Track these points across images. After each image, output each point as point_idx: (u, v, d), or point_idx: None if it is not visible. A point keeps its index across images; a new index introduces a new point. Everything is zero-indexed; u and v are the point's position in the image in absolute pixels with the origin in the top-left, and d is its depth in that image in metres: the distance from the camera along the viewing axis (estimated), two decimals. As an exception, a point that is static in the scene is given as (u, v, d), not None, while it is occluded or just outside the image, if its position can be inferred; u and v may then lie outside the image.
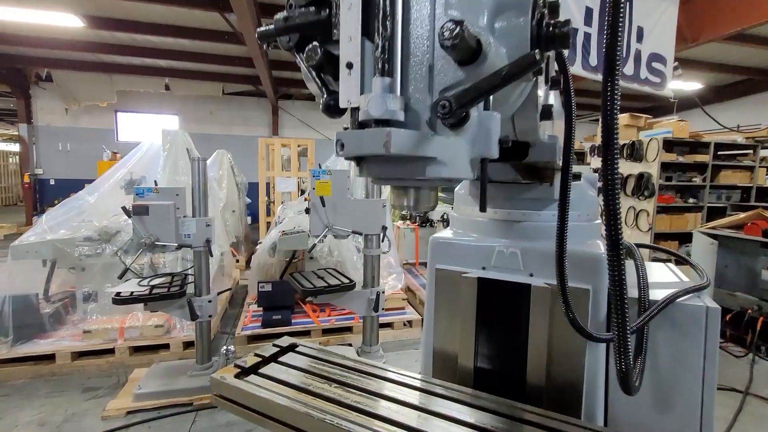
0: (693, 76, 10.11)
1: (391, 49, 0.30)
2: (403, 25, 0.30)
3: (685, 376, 0.78)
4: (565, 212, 0.61)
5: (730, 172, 6.37)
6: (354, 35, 0.29)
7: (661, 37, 3.39)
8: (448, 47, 0.28)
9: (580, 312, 0.83)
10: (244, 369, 0.96)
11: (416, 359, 3.46)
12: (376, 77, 0.29)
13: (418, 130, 0.31)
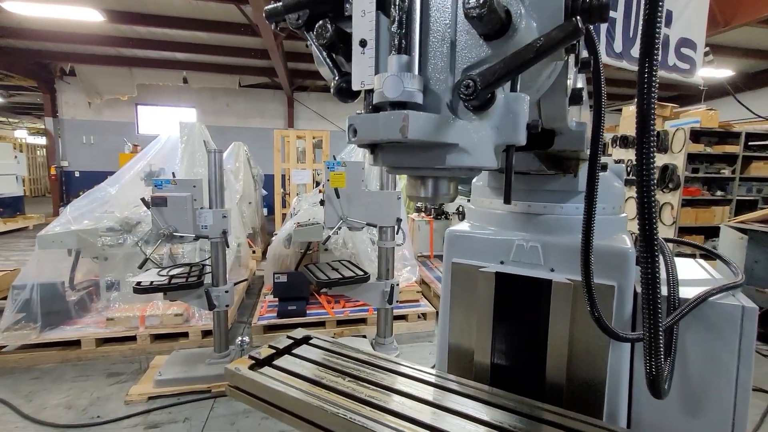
0: (724, 63, 9.63)
1: (408, 23, 0.26)
2: (424, 13, 0.27)
3: (718, 378, 0.74)
4: (592, 205, 0.57)
5: (761, 164, 6.07)
6: (368, 9, 0.26)
7: (691, 21, 3.22)
8: (474, 17, 0.25)
9: (605, 309, 0.79)
10: (258, 360, 0.96)
11: (430, 352, 3.45)
12: (392, 55, 0.27)
13: (438, 114, 0.28)
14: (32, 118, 17.59)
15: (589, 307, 0.65)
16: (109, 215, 3.37)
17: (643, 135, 0.43)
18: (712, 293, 0.75)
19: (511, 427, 0.72)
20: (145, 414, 2.40)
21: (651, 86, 0.46)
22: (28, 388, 2.65)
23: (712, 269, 0.98)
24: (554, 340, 0.85)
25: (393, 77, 0.27)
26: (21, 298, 2.98)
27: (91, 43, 8.84)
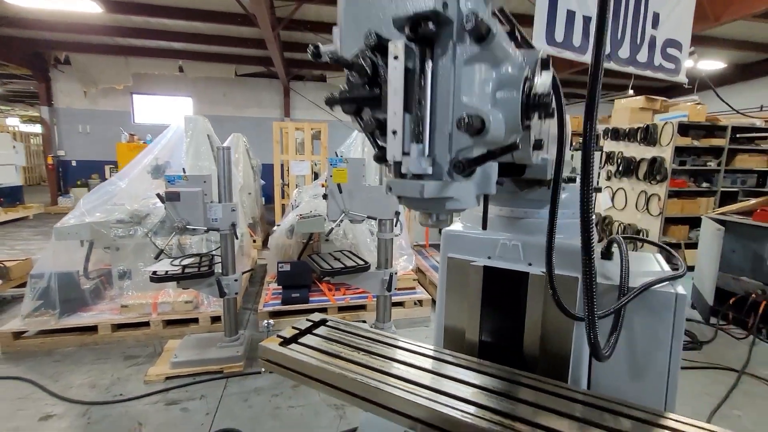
0: (716, 55, 9.79)
1: (423, 123, 0.44)
2: (431, 108, 0.44)
3: (656, 350, 0.94)
4: (554, 215, 0.75)
5: (746, 156, 6.29)
6: (398, 111, 0.43)
7: (677, 23, 3.37)
8: (462, 129, 0.42)
9: (571, 297, 0.98)
10: (286, 339, 1.14)
11: (426, 335, 3.67)
12: (414, 144, 0.44)
13: (441, 180, 0.46)
14: (24, 106, 17.39)
15: (551, 293, 0.83)
16: (120, 207, 3.52)
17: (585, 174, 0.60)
18: (654, 283, 0.94)
19: (494, 389, 0.92)
20: (164, 392, 2.60)
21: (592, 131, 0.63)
22: (52, 369, 2.84)
23: (664, 262, 1.17)
24: (530, 321, 1.04)
25: (414, 159, 0.44)
26: (39, 287, 3.14)
27: (87, 33, 8.80)
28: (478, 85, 0.45)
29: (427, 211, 0.50)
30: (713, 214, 4.22)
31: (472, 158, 0.45)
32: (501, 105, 0.47)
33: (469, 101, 0.44)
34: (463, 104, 0.44)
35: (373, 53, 0.45)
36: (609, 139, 6.72)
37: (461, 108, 0.43)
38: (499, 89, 0.47)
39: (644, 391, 0.95)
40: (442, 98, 0.44)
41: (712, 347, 3.49)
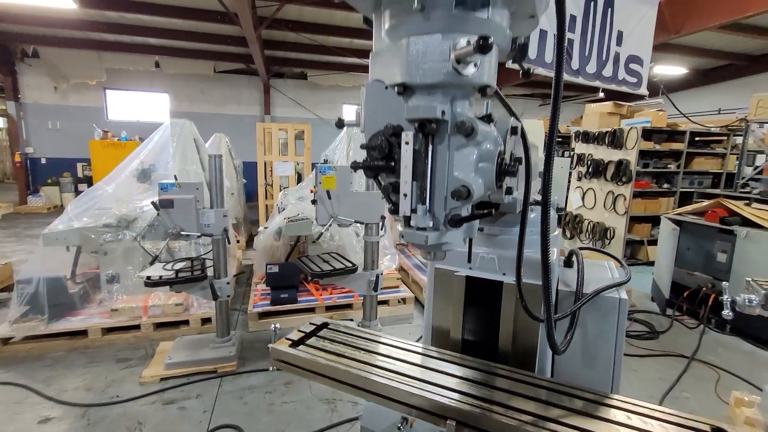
0: (678, 61, 10.39)
1: (426, 190, 0.60)
2: (432, 179, 0.61)
3: (605, 344, 1.15)
4: (523, 234, 0.93)
5: (703, 159, 6.79)
6: (407, 180, 0.60)
7: (639, 40, 3.67)
8: (455, 198, 0.60)
9: (538, 301, 1.18)
10: (294, 341, 1.30)
11: (410, 332, 3.88)
12: (420, 205, 0.61)
13: (439, 230, 0.63)
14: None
15: (519, 298, 1.03)
16: (108, 212, 3.54)
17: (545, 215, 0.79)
18: (602, 290, 1.15)
19: (475, 379, 1.11)
20: (161, 392, 2.70)
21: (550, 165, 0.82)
22: (45, 374, 2.88)
23: (615, 270, 1.39)
24: (504, 322, 1.24)
25: (419, 216, 0.60)
26: (27, 292, 3.15)
27: (57, 27, 8.49)
28: (466, 161, 0.62)
29: (427, 251, 0.67)
30: (671, 215, 4.59)
31: (462, 217, 0.63)
32: (481, 173, 0.65)
33: (459, 174, 0.61)
34: (455, 177, 0.61)
35: (389, 137, 0.61)
36: (580, 141, 7.09)
37: (454, 180, 0.61)
38: (480, 161, 0.65)
39: (595, 378, 1.17)
40: (439, 172, 0.61)
41: (668, 336, 3.85)
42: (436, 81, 0.56)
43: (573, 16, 3.28)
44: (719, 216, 4.06)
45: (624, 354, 3.06)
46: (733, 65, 10.76)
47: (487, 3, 0.54)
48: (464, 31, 0.54)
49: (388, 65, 0.61)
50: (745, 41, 8.83)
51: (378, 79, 0.64)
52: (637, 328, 4.01)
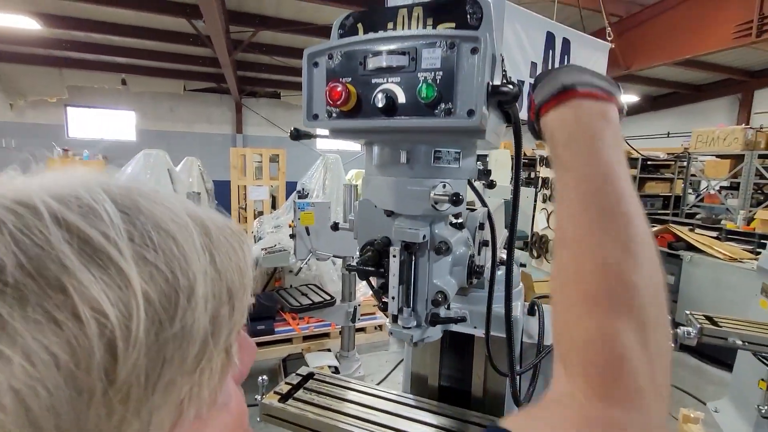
0: (631, 89, 11.28)
1: (409, 294, 0.73)
2: (414, 285, 0.73)
3: (563, 389, 1.31)
4: (491, 294, 1.08)
5: (654, 183, 7.38)
6: (395, 286, 0.72)
7: (592, 82, 4.02)
8: (432, 304, 0.72)
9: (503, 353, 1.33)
10: (282, 395, 1.38)
11: (386, 360, 3.96)
12: (405, 308, 0.73)
13: (421, 327, 0.76)
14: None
15: (487, 353, 1.17)
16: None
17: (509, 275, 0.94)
18: (561, 341, 1.32)
19: (448, 427, 1.23)
20: None
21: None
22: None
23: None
24: (476, 371, 1.37)
25: (405, 318, 0.73)
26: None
27: (16, 43, 8.18)
28: (442, 269, 0.76)
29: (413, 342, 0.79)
30: (626, 239, 4.96)
31: (441, 318, 0.76)
32: (454, 275, 0.78)
33: (438, 281, 0.74)
34: (434, 284, 0.74)
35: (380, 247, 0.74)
36: (544, 166, 7.53)
37: (433, 286, 0.74)
38: (454, 265, 0.78)
39: (556, 420, 1.32)
40: (421, 279, 0.73)
41: (627, 355, 4.13)
42: (418, 213, 0.70)
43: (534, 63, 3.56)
44: (667, 241, 4.44)
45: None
46: (678, 93, 11.76)
47: (458, 157, 0.69)
48: (441, 176, 0.68)
49: (377, 191, 0.74)
50: (689, 73, 9.72)
51: (368, 199, 0.77)
52: (598, 348, 4.28)
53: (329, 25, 3.10)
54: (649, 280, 0.42)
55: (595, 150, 0.48)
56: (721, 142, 5.56)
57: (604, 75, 0.53)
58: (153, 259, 0.24)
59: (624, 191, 0.46)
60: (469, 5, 0.58)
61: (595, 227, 0.45)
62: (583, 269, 0.43)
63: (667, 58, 6.05)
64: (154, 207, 0.26)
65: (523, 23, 3.67)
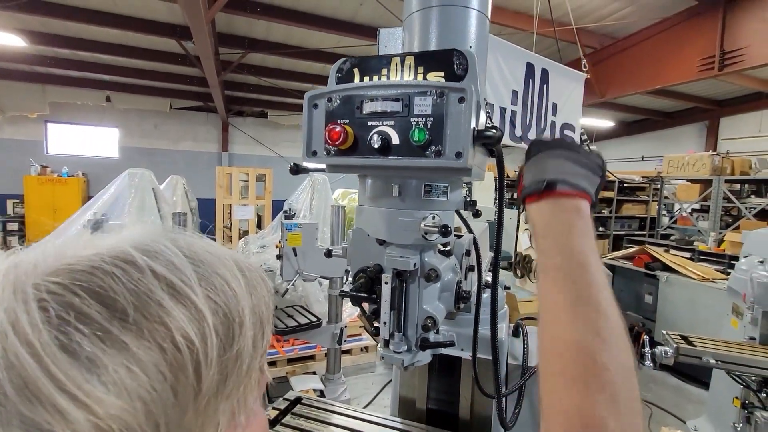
0: (607, 115, 11.81)
1: (400, 321, 0.77)
2: (405, 311, 0.77)
3: (547, 410, 1.34)
4: (477, 319, 1.12)
5: (630, 205, 7.65)
6: (387, 311, 0.75)
7: (570, 110, 4.23)
8: (422, 329, 0.76)
9: (490, 375, 1.36)
10: (269, 421, 1.37)
11: (372, 382, 3.92)
12: (396, 333, 0.76)
13: (411, 352, 0.79)
14: None
15: (474, 376, 1.20)
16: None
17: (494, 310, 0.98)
18: (544, 362, 1.36)
19: (439, 451, 1.24)
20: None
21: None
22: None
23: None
24: (463, 393, 1.40)
25: (396, 342, 0.76)
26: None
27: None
28: (432, 295, 0.80)
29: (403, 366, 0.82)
30: (605, 259, 5.11)
31: (431, 342, 0.80)
32: (443, 300, 0.83)
33: (427, 307, 0.78)
34: (424, 309, 0.78)
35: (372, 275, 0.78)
36: (525, 187, 7.73)
37: (423, 312, 0.78)
38: (443, 291, 0.83)
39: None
40: (412, 305, 0.77)
41: (609, 375, 4.19)
42: (409, 242, 0.74)
43: (515, 91, 3.74)
44: (644, 261, 4.60)
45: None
46: (651, 120, 12.35)
47: (447, 191, 0.74)
48: (430, 208, 0.73)
49: (370, 221, 0.78)
50: (659, 101, 10.27)
51: (361, 228, 0.81)
52: (582, 368, 4.34)
53: (318, 49, 3.30)
54: (618, 361, 0.46)
55: (568, 241, 0.54)
56: (691, 168, 5.85)
57: (588, 155, 0.62)
58: (215, 298, 0.32)
59: (594, 280, 0.51)
60: (456, 57, 0.64)
61: (569, 312, 0.50)
62: (560, 349, 0.49)
63: (638, 88, 6.41)
64: (208, 256, 0.34)
65: (505, 55, 3.86)
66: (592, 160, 0.62)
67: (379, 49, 0.98)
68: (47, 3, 5.65)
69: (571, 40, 5.40)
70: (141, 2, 5.78)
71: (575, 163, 0.60)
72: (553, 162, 0.60)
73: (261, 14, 5.96)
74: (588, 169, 0.61)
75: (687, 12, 5.53)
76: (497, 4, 5.60)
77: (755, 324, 2.33)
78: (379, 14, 6.04)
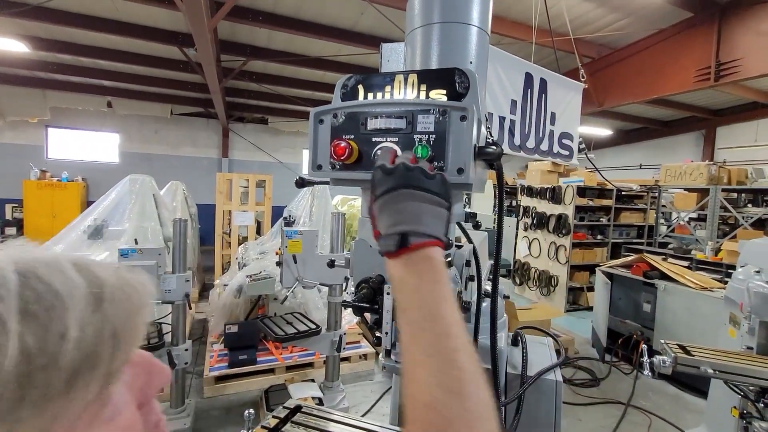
0: (606, 124, 11.90)
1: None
2: None
3: (546, 418, 1.35)
4: (477, 329, 1.13)
5: (628, 213, 7.67)
6: (388, 321, 0.77)
7: (568, 120, 4.27)
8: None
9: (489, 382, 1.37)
10: (269, 429, 1.37)
11: (371, 390, 3.91)
12: (398, 343, 0.78)
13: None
14: None
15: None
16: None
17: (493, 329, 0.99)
18: (544, 371, 1.36)
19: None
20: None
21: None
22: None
23: (553, 350, 1.63)
24: (463, 402, 1.41)
25: (398, 352, 0.78)
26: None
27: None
28: (432, 305, 0.82)
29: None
30: (604, 267, 5.12)
31: None
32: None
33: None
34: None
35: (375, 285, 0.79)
36: (525, 195, 7.77)
37: (424, 322, 0.80)
38: (443, 302, 0.85)
39: (541, 450, 1.35)
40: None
41: (607, 383, 4.19)
42: (411, 254, 0.76)
43: (514, 101, 3.78)
44: (642, 270, 4.61)
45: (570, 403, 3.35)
46: (648, 128, 12.44)
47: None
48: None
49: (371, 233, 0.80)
50: (657, 110, 10.37)
51: (364, 239, 0.83)
52: (581, 376, 4.33)
53: (319, 57, 3.35)
54: (472, 410, 0.48)
55: (419, 293, 0.55)
56: (688, 177, 5.90)
57: (432, 183, 0.59)
58: (35, 310, 0.33)
59: (445, 330, 0.52)
60: (458, 75, 0.66)
61: (421, 365, 0.51)
62: (415, 401, 0.50)
63: (635, 97, 6.48)
64: (51, 273, 0.35)
65: (504, 64, 3.90)
66: (437, 188, 0.60)
67: (382, 63, 1.01)
68: (51, 10, 5.70)
69: (569, 50, 5.46)
70: (144, 10, 5.84)
71: (423, 201, 0.59)
72: (403, 206, 0.59)
73: (263, 23, 6.02)
74: (436, 205, 0.60)
75: (683, 24, 5.61)
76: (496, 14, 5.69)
77: (752, 334, 2.34)
78: (380, 23, 6.11)
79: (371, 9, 5.32)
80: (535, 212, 7.40)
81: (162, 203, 4.29)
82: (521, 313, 4.72)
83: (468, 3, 0.85)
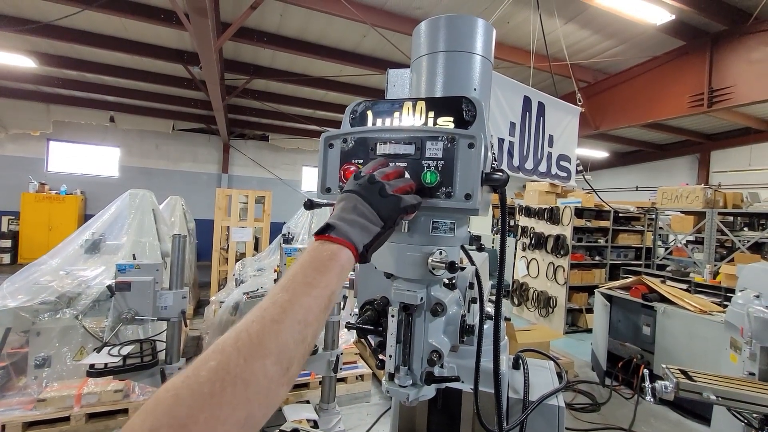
0: (602, 146, 12.08)
1: (406, 353, 0.78)
2: (411, 344, 0.79)
3: (549, 447, 1.32)
4: (479, 352, 1.12)
5: (626, 235, 7.70)
6: (392, 344, 0.77)
7: (566, 142, 4.33)
8: (428, 362, 0.77)
9: (491, 406, 1.34)
10: (266, 454, 1.34)
11: (367, 413, 3.82)
12: (402, 367, 0.77)
13: (416, 386, 0.80)
14: None
15: (475, 409, 1.19)
16: (47, 288, 3.32)
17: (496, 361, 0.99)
18: (546, 396, 1.35)
19: (439, 489, 1.21)
20: (92, 502, 2.41)
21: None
22: (-54, 485, 2.48)
23: (554, 373, 1.61)
24: (464, 422, 1.38)
25: (402, 377, 0.77)
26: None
27: (4, 78, 8.24)
28: (437, 328, 0.81)
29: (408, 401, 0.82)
30: (602, 289, 5.10)
31: (436, 377, 0.81)
32: (447, 334, 0.84)
33: (432, 340, 0.79)
34: (429, 343, 0.79)
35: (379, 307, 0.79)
36: (523, 215, 7.80)
37: (428, 345, 0.79)
38: (448, 325, 0.84)
39: (544, 478, 1.32)
40: (417, 339, 0.78)
41: (608, 408, 4.11)
42: (416, 277, 0.76)
43: (513, 123, 3.85)
44: (641, 292, 4.60)
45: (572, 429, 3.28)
46: (644, 151, 12.61)
47: (453, 227, 0.77)
48: (437, 244, 0.76)
49: (377, 255, 0.80)
50: (652, 134, 10.55)
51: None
52: (581, 400, 4.25)
53: (321, 77, 3.43)
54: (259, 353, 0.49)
55: (302, 272, 0.59)
56: (684, 200, 5.95)
57: (381, 201, 0.63)
58: None
59: (288, 308, 0.54)
60: (465, 104, 0.68)
61: (251, 314, 0.56)
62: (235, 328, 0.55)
63: (631, 121, 6.61)
64: None
65: (503, 88, 3.99)
66: (382, 207, 0.64)
67: (387, 88, 1.03)
68: (61, 27, 5.83)
69: (566, 75, 5.60)
70: (152, 29, 5.97)
71: (361, 212, 0.64)
72: (346, 206, 0.64)
73: (268, 43, 6.16)
74: (368, 221, 0.64)
75: (676, 51, 5.78)
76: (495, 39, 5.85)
77: (754, 359, 2.32)
78: (381, 46, 6.27)
79: (373, 32, 5.46)
80: (533, 232, 7.42)
81: (161, 219, 4.28)
82: (520, 335, 4.67)
83: (472, 33, 0.88)
